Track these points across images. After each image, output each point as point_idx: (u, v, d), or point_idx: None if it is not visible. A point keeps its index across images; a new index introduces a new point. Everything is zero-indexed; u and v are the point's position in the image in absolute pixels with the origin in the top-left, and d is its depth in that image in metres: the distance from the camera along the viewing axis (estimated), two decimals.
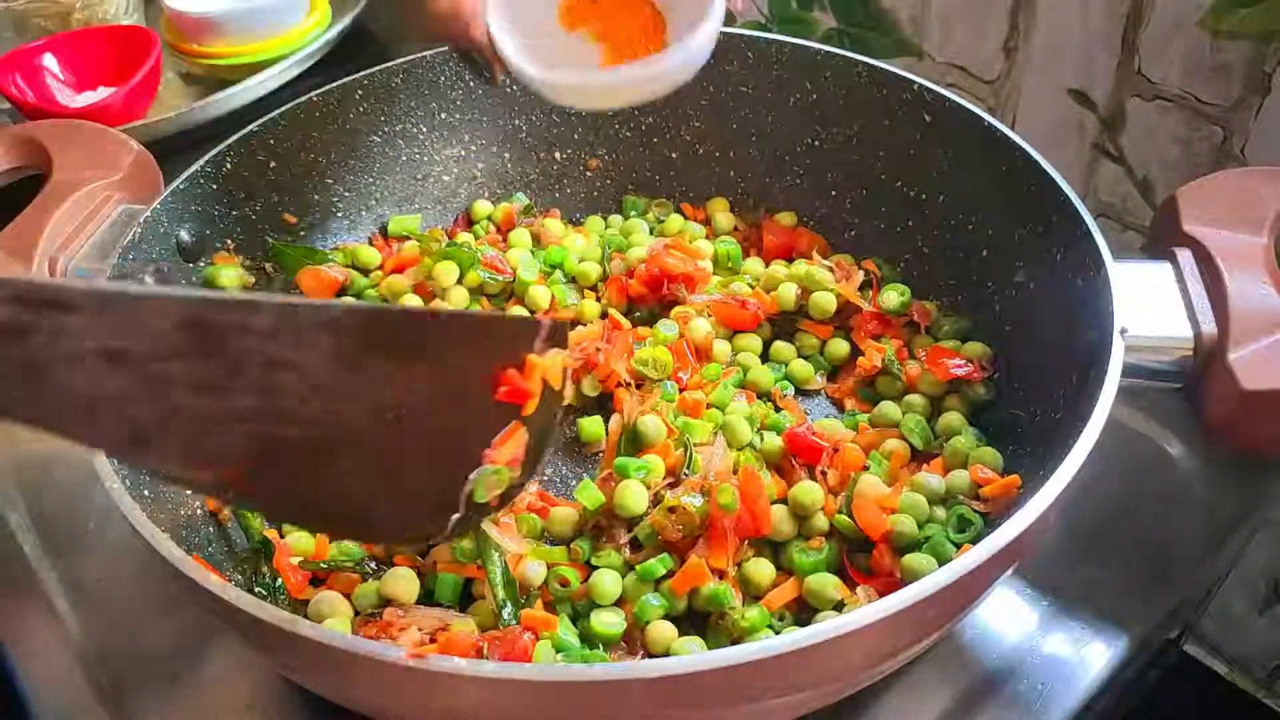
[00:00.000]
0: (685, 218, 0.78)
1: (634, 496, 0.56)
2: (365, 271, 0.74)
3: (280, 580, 0.55)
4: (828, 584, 0.53)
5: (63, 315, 0.33)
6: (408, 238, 0.75)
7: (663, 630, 0.52)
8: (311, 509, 0.42)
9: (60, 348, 0.33)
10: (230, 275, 0.67)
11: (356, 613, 0.54)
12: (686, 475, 0.57)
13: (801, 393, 0.67)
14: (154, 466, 0.39)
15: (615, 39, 0.64)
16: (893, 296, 0.66)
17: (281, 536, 0.57)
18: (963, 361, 0.62)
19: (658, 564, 0.53)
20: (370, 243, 0.76)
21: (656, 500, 0.56)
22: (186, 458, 0.37)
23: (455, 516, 0.44)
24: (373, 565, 0.57)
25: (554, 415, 0.46)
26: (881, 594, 0.47)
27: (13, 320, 0.32)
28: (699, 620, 0.54)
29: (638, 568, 0.54)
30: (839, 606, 0.52)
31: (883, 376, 0.64)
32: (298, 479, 0.40)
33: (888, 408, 0.62)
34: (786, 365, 0.67)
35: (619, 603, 0.54)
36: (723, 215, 0.78)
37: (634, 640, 0.53)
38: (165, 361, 0.36)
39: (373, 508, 0.43)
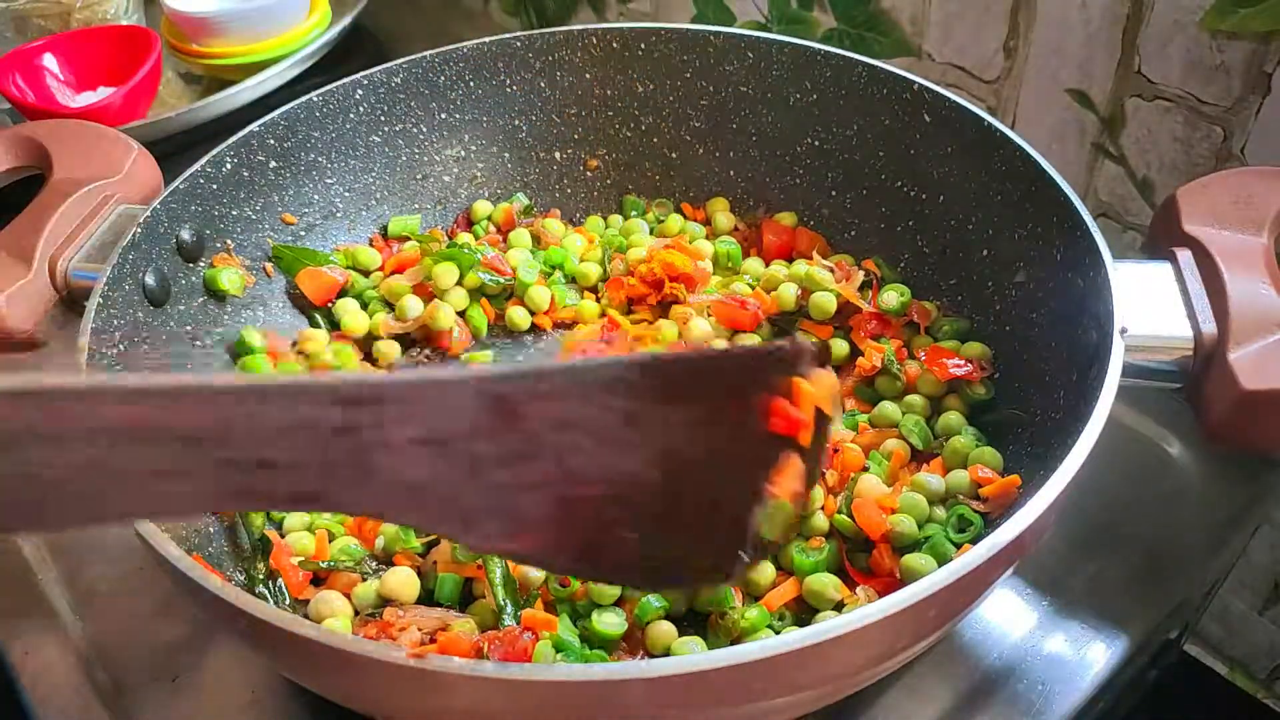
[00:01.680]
0: (685, 218, 0.78)
1: None
2: (365, 273, 0.74)
3: (281, 580, 0.55)
4: (827, 584, 0.53)
5: (376, 409, 0.34)
6: (408, 238, 0.75)
7: (663, 630, 0.52)
8: (608, 563, 0.41)
9: (382, 440, 0.34)
10: (231, 276, 0.67)
11: (356, 613, 0.54)
12: None
13: None
14: (479, 544, 0.39)
15: None
16: (892, 297, 0.66)
17: (282, 536, 0.57)
18: (962, 361, 0.62)
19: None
20: (370, 244, 0.76)
21: None
22: (504, 530, 0.38)
23: (745, 558, 0.42)
24: (372, 565, 0.57)
25: (825, 439, 0.43)
26: (881, 594, 0.47)
27: (336, 418, 0.33)
28: (699, 620, 0.54)
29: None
30: (839, 606, 0.52)
31: (882, 376, 0.64)
32: (597, 535, 0.40)
33: (887, 408, 0.62)
34: None
35: (619, 602, 0.54)
36: (723, 215, 0.78)
37: (634, 640, 0.53)
38: (474, 441, 0.36)
39: (669, 556, 0.42)
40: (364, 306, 0.72)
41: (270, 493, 0.32)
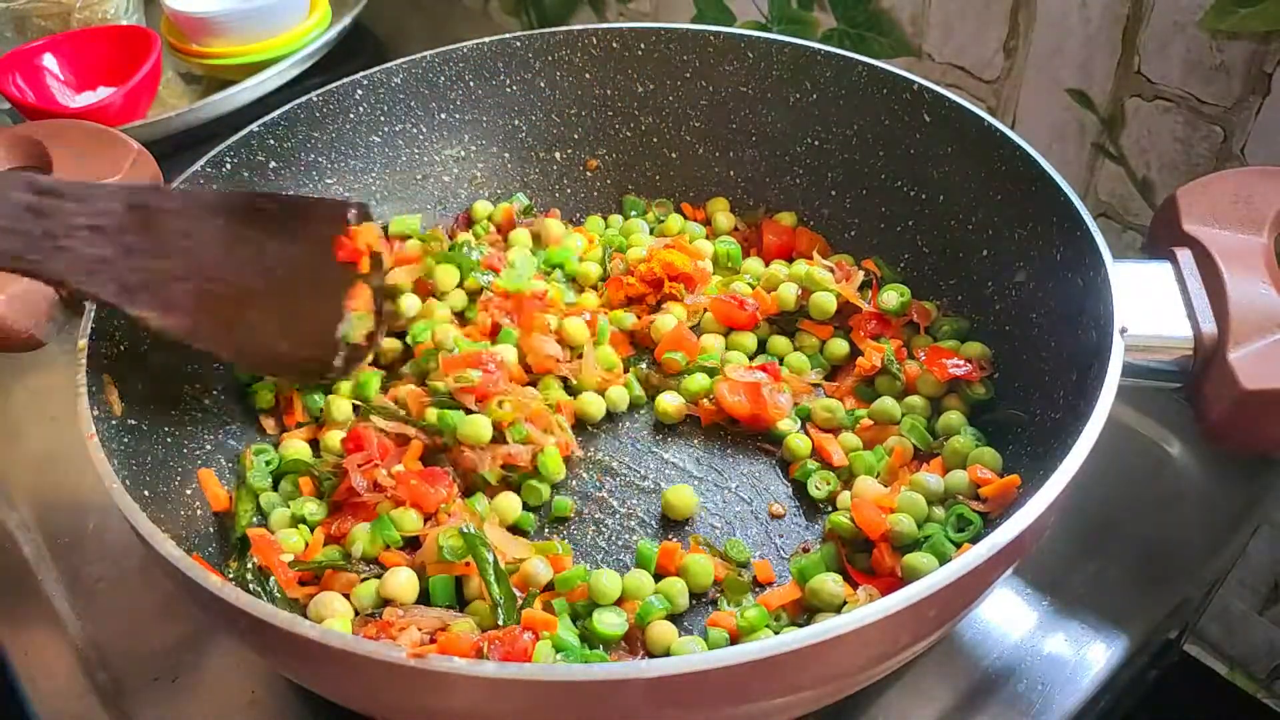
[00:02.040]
0: (685, 218, 0.78)
1: None
2: None
3: (274, 578, 0.55)
4: (827, 583, 0.53)
5: (57, 200, 0.52)
6: (409, 237, 0.75)
7: (663, 630, 0.52)
8: (245, 350, 0.58)
9: (64, 222, 0.51)
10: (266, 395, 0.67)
11: (356, 613, 0.54)
12: None
13: None
14: (141, 314, 0.54)
15: None
16: (892, 296, 0.66)
17: (266, 525, 0.57)
18: (961, 361, 0.62)
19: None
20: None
21: None
22: (156, 307, 0.54)
23: (341, 354, 0.60)
24: (363, 565, 0.57)
25: (383, 274, 0.63)
26: (883, 594, 0.47)
27: (35, 204, 0.51)
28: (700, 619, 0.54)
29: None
30: (839, 607, 0.52)
31: (882, 376, 0.64)
32: (229, 324, 0.57)
33: (887, 403, 0.62)
34: (782, 360, 0.67)
35: (619, 602, 0.54)
36: (723, 215, 0.78)
37: (634, 640, 0.53)
38: (126, 234, 0.53)
39: (283, 349, 0.59)
40: None
41: None
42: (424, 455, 0.61)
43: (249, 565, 0.55)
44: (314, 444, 0.64)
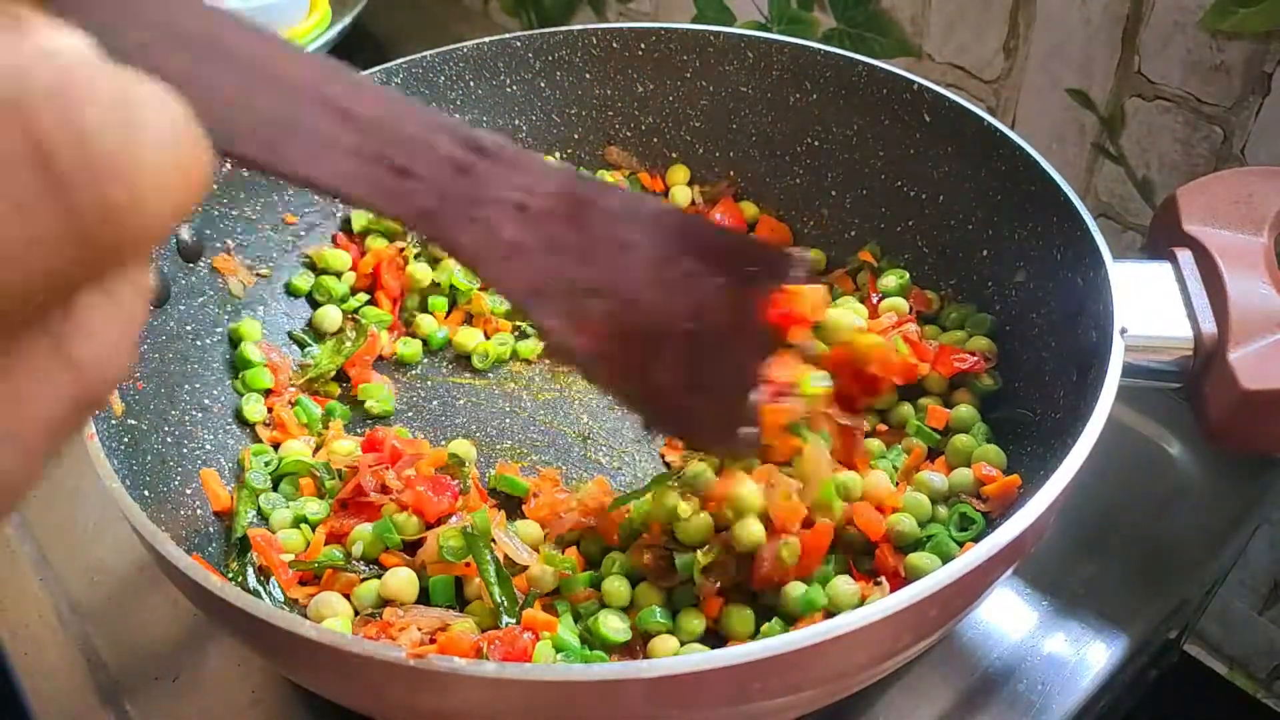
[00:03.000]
0: (643, 188, 0.78)
1: (702, 526, 0.53)
2: (337, 274, 0.73)
3: (274, 578, 0.55)
4: (840, 585, 0.52)
5: (492, 165, 0.39)
6: (369, 232, 0.75)
7: (666, 647, 0.52)
8: (653, 398, 0.47)
9: (490, 194, 0.40)
10: (235, 282, 0.67)
11: (357, 613, 0.54)
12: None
13: None
14: (548, 325, 0.43)
15: None
16: (891, 280, 0.67)
17: (267, 526, 0.57)
18: (966, 356, 0.62)
19: (697, 622, 0.52)
20: (334, 242, 0.75)
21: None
22: (566, 320, 0.43)
23: (748, 429, 0.49)
24: (363, 565, 0.57)
25: (814, 350, 0.52)
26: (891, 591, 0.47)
27: (462, 160, 0.38)
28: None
29: (681, 623, 0.52)
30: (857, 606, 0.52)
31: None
32: (640, 363, 0.46)
33: (904, 409, 0.62)
34: None
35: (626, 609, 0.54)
36: (681, 188, 0.78)
37: (634, 643, 0.52)
38: (553, 222, 0.42)
39: (690, 407, 0.48)
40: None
41: (394, 192, 0.36)
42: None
43: (249, 565, 0.55)
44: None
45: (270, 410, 0.65)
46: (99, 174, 0.17)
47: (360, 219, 0.75)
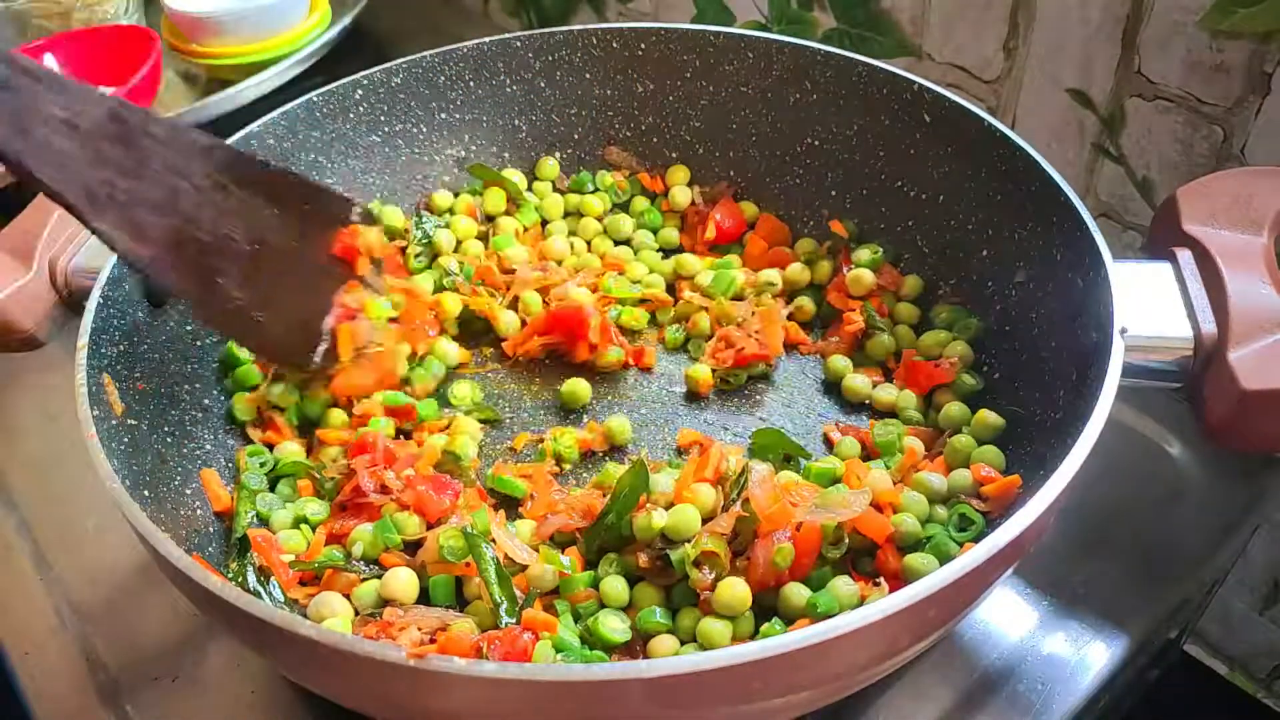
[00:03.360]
0: (644, 188, 0.79)
1: (688, 520, 0.53)
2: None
3: (274, 578, 0.55)
4: (840, 587, 0.52)
5: (34, 83, 0.46)
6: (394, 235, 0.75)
7: (664, 647, 0.52)
8: (218, 309, 0.54)
9: (36, 107, 0.46)
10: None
11: (357, 613, 0.54)
12: (733, 502, 0.54)
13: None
14: (107, 230, 0.49)
15: None
16: (864, 254, 0.69)
17: (267, 526, 0.57)
18: (943, 363, 0.62)
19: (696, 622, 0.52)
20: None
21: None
22: (125, 229, 0.49)
23: (321, 348, 0.58)
24: (363, 565, 0.57)
25: (381, 281, 0.62)
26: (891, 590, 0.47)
27: (7, 78, 0.45)
28: None
29: (680, 623, 0.52)
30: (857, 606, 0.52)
31: (871, 340, 0.66)
32: (205, 277, 0.53)
33: (890, 423, 0.62)
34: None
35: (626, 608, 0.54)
36: (680, 189, 0.78)
37: (634, 643, 0.52)
38: (101, 140, 0.49)
39: (263, 324, 0.55)
40: None
41: None
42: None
43: (249, 565, 0.55)
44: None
45: (260, 411, 0.65)
46: None
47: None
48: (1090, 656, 0.54)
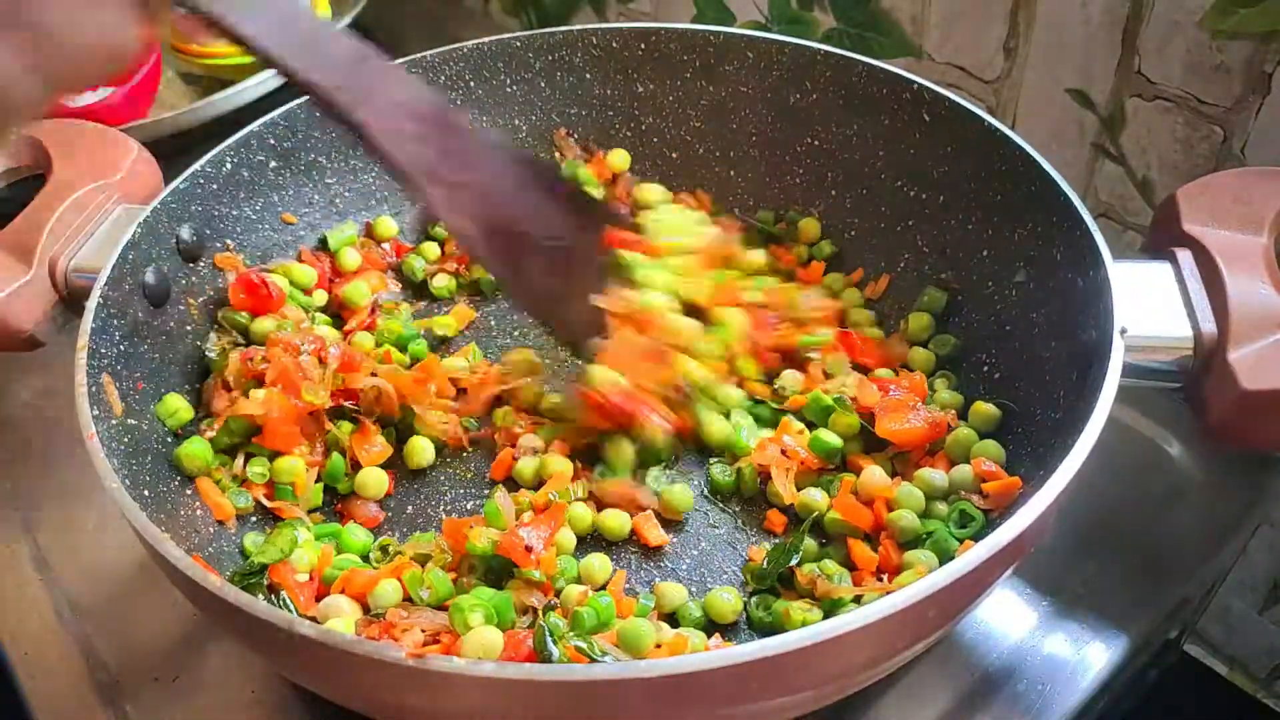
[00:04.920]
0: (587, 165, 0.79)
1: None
2: (306, 290, 0.71)
3: (285, 595, 0.54)
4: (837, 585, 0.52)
5: (379, 64, 0.55)
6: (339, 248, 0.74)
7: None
8: (521, 281, 0.61)
9: (382, 85, 0.54)
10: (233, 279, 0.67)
11: (366, 611, 0.54)
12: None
13: None
14: (435, 201, 0.56)
15: None
16: (944, 393, 0.64)
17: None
18: (891, 385, 0.62)
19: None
20: (299, 258, 0.73)
21: None
22: (448, 203, 0.56)
23: (597, 322, 0.62)
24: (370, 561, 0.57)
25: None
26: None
27: (358, 54, 0.54)
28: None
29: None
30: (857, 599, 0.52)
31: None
32: (509, 254, 0.60)
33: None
34: None
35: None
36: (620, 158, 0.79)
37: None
38: (433, 127, 0.56)
39: (559, 304, 0.62)
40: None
41: (307, 59, 0.51)
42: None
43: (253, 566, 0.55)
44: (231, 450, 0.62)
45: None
46: None
47: (334, 238, 0.74)
48: (1090, 657, 0.54)
